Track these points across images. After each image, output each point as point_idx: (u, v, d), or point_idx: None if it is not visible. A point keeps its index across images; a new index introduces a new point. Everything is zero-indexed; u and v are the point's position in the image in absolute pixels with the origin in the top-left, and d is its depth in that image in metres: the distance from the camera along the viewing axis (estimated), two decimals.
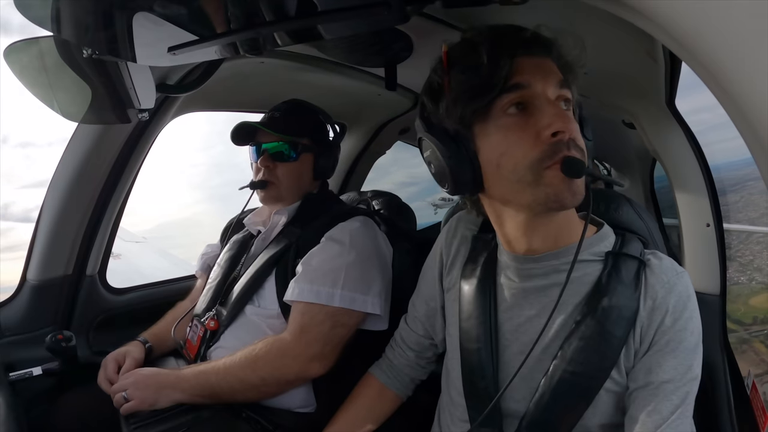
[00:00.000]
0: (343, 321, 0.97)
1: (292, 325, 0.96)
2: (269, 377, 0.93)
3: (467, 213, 0.84)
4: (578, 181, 0.60)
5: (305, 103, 1.21)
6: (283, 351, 0.93)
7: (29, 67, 0.81)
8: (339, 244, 1.01)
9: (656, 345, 0.63)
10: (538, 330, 0.69)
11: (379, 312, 0.98)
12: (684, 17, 0.36)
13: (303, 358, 0.93)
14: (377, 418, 0.89)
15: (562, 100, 0.64)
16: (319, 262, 0.99)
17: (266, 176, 1.12)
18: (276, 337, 0.96)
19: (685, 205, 1.12)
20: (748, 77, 0.34)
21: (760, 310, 3.98)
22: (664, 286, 0.65)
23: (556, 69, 0.65)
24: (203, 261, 1.33)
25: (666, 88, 1.00)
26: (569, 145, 0.59)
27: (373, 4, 0.52)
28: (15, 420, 0.81)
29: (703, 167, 1.10)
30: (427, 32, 0.85)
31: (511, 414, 0.70)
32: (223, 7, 0.61)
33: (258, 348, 0.94)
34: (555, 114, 0.60)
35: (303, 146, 1.13)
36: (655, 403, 0.62)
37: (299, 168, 1.14)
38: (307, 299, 0.95)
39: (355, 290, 0.97)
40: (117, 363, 1.05)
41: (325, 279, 0.96)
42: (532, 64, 0.63)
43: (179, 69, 1.03)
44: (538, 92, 0.62)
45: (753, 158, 0.41)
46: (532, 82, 0.62)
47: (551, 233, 0.68)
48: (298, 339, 0.94)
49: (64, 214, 1.18)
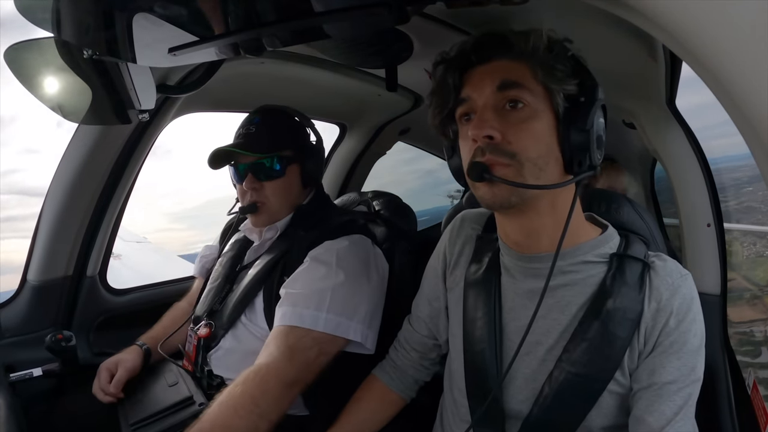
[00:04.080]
0: (327, 349, 0.90)
1: (280, 348, 0.87)
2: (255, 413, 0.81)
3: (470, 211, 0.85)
4: (498, 183, 0.63)
5: (280, 108, 1.14)
6: (265, 374, 0.83)
7: (30, 68, 0.81)
8: (325, 266, 0.95)
9: (660, 346, 0.63)
10: (542, 331, 0.69)
11: (360, 340, 0.93)
12: (684, 17, 0.36)
13: (286, 380, 0.84)
14: (380, 421, 0.89)
15: (506, 101, 0.65)
16: (303, 284, 0.94)
17: (254, 198, 1.06)
18: (252, 369, 0.85)
19: (685, 205, 1.12)
20: (748, 77, 0.34)
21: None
22: (669, 288, 0.65)
23: (500, 71, 0.66)
24: (201, 264, 1.32)
25: (666, 88, 1.01)
26: (484, 150, 0.63)
27: (373, 4, 0.52)
28: (15, 421, 0.81)
29: (704, 167, 1.10)
30: (427, 33, 0.85)
31: (514, 415, 0.70)
32: (224, 7, 0.61)
33: (235, 389, 0.82)
34: (475, 122, 0.65)
35: (287, 158, 1.06)
36: (658, 403, 0.62)
37: (287, 182, 1.08)
38: (289, 322, 0.89)
39: (341, 314, 0.91)
40: (110, 373, 1.04)
41: (309, 301, 0.91)
42: (476, 74, 0.68)
43: (180, 70, 1.03)
44: (477, 102, 0.67)
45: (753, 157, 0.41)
46: (471, 93, 0.67)
47: (546, 232, 0.68)
48: (288, 359, 0.85)
49: (64, 215, 1.17)
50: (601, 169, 0.69)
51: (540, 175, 0.63)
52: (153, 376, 1.09)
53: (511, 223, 0.71)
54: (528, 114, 0.64)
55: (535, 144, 0.63)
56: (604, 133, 0.67)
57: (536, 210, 0.67)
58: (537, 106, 0.64)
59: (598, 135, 0.65)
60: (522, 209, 0.66)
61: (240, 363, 0.95)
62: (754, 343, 3.38)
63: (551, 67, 0.64)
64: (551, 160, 0.64)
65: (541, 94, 0.65)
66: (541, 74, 0.64)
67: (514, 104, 0.64)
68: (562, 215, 0.65)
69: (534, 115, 0.64)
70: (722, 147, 1.85)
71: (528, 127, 0.63)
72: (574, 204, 0.65)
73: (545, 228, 0.68)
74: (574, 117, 0.64)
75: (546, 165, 0.64)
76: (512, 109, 0.64)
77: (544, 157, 0.63)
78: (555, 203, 0.67)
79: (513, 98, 0.64)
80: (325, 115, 1.75)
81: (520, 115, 0.64)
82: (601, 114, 0.67)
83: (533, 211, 0.67)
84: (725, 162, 2.10)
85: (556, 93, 0.64)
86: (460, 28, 0.83)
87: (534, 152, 0.63)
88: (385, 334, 0.98)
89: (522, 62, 0.65)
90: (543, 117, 0.64)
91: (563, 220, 0.64)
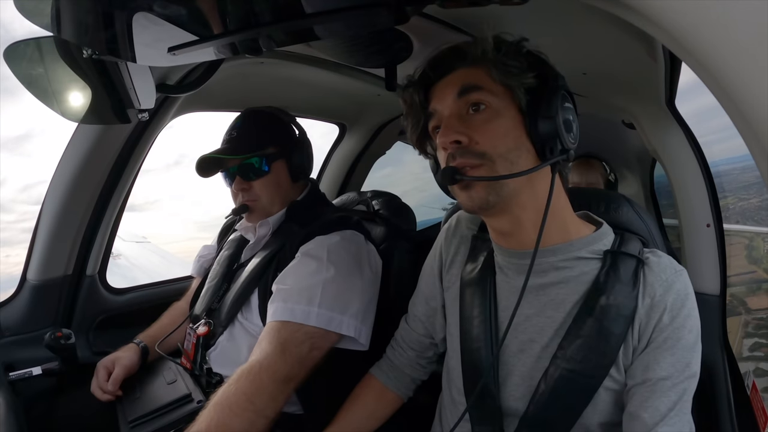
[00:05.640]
0: (319, 344, 0.90)
1: (272, 343, 0.87)
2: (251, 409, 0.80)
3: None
4: (474, 185, 0.65)
5: (258, 110, 1.16)
6: (258, 371, 0.83)
7: (29, 67, 0.80)
8: (315, 260, 0.96)
9: (654, 342, 0.64)
10: (536, 329, 0.69)
11: (352, 334, 0.92)
12: (684, 17, 0.36)
13: (280, 376, 0.84)
14: (378, 420, 0.89)
15: (468, 105, 0.67)
16: (294, 280, 0.94)
17: (245, 199, 1.09)
18: (245, 367, 0.85)
19: (684, 205, 1.13)
20: (748, 77, 0.34)
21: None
22: (663, 284, 0.65)
23: (458, 79, 0.68)
24: (199, 263, 1.32)
25: (666, 88, 1.01)
26: (455, 155, 0.66)
27: (373, 4, 0.52)
28: (15, 420, 0.81)
29: (703, 167, 1.10)
30: (427, 32, 0.85)
31: (511, 412, 0.70)
32: (223, 7, 0.61)
33: (229, 388, 0.83)
34: (442, 131, 0.67)
35: (272, 155, 1.08)
36: (652, 399, 0.62)
37: (275, 178, 1.09)
38: (281, 318, 0.89)
39: (333, 309, 0.91)
40: (107, 371, 1.05)
41: (300, 297, 0.91)
42: (438, 87, 0.71)
43: (179, 69, 1.02)
44: (443, 113, 0.69)
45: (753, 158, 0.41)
46: (436, 105, 0.71)
47: (532, 226, 0.68)
48: (281, 355, 0.85)
49: (64, 214, 1.18)
50: (571, 165, 0.71)
51: (513, 168, 0.64)
52: (151, 373, 1.09)
53: (497, 222, 0.72)
54: (491, 114, 0.66)
55: (503, 140, 0.65)
56: (575, 118, 0.69)
57: (518, 205, 0.68)
58: (498, 105, 0.66)
59: (565, 119, 0.66)
60: (503, 207, 0.67)
61: (238, 360, 0.95)
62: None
63: (504, 65, 0.66)
64: (522, 153, 0.65)
65: (502, 92, 0.67)
66: (496, 73, 0.66)
67: (476, 107, 0.67)
68: (545, 207, 0.66)
69: (497, 114, 0.66)
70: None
71: (493, 125, 0.65)
72: (551, 189, 0.65)
73: (529, 222, 0.69)
74: (538, 107, 0.66)
75: (518, 158, 0.65)
76: (475, 113, 0.67)
77: (514, 150, 0.65)
78: (536, 195, 0.67)
79: (474, 101, 0.67)
80: (324, 115, 1.75)
81: (483, 116, 0.66)
82: (567, 100, 0.68)
83: (516, 207, 0.68)
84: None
85: (515, 88, 0.66)
86: (459, 28, 0.83)
87: (503, 147, 0.64)
88: (382, 333, 0.98)
89: (477, 67, 0.68)
90: (506, 113, 0.66)
91: (531, 215, 0.68)
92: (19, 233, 7.55)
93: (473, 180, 0.64)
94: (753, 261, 2.63)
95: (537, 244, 0.64)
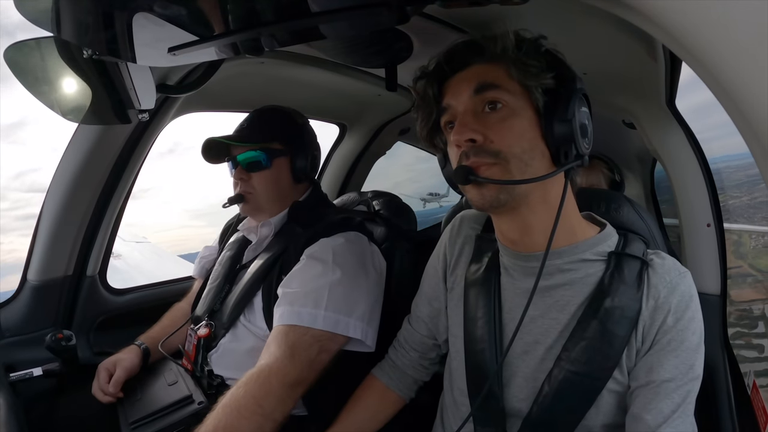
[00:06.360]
0: (327, 347, 0.90)
1: (281, 347, 0.87)
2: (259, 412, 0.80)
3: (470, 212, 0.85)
4: (486, 183, 0.64)
5: (274, 106, 1.16)
6: (267, 375, 0.83)
7: (29, 67, 0.80)
8: (321, 263, 0.95)
9: (658, 344, 0.64)
10: (541, 330, 0.69)
11: (359, 336, 0.93)
12: (684, 17, 0.36)
13: (289, 380, 0.84)
14: (380, 420, 0.89)
15: (484, 103, 0.66)
16: (300, 283, 0.94)
17: (242, 189, 1.09)
18: (254, 370, 0.85)
19: (685, 205, 1.13)
20: (748, 77, 0.34)
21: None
22: (667, 286, 0.65)
23: (475, 76, 0.67)
24: (201, 264, 1.32)
25: (666, 88, 1.01)
26: (468, 153, 0.64)
27: (373, 4, 0.52)
28: (15, 421, 0.81)
29: (703, 167, 1.10)
30: (427, 32, 0.85)
31: (514, 414, 0.70)
32: (224, 7, 0.61)
33: (238, 391, 0.82)
34: (456, 128, 0.66)
35: (275, 151, 1.08)
36: (656, 401, 0.62)
37: (275, 175, 1.09)
38: (288, 321, 0.89)
39: (339, 312, 0.91)
40: (108, 373, 1.05)
41: (307, 300, 0.90)
42: (454, 82, 0.70)
43: (179, 69, 1.02)
44: (457, 109, 0.68)
45: (753, 157, 0.41)
46: (451, 101, 0.69)
47: (541, 229, 0.68)
48: (290, 359, 0.85)
49: (64, 215, 1.17)
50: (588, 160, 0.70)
51: (526, 170, 0.64)
52: (152, 375, 1.09)
53: (506, 222, 0.71)
54: (507, 113, 0.65)
55: (518, 140, 0.64)
56: (589, 122, 0.68)
57: (528, 206, 0.67)
58: (516, 104, 0.65)
59: (582, 124, 0.65)
60: (513, 207, 0.66)
61: (240, 363, 0.95)
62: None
63: (524, 64, 0.65)
64: (537, 155, 0.65)
65: (519, 92, 0.65)
66: (515, 72, 0.65)
67: (492, 105, 0.65)
68: (555, 210, 0.65)
69: (513, 113, 0.65)
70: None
71: (509, 125, 0.64)
72: (564, 195, 0.65)
73: (539, 224, 0.68)
74: (555, 109, 0.64)
75: (532, 159, 0.64)
76: (491, 111, 0.65)
77: (528, 152, 0.64)
78: (547, 198, 0.67)
79: (491, 99, 0.65)
80: (324, 115, 1.75)
81: (500, 114, 0.65)
82: (584, 103, 0.67)
83: (526, 208, 0.67)
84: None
85: (533, 89, 0.65)
86: (460, 28, 0.83)
87: (518, 148, 0.63)
88: (384, 334, 0.98)
89: (495, 64, 0.66)
90: (523, 113, 0.65)
91: (541, 216, 0.66)
92: (12, 221, 7.45)
93: (488, 182, 0.63)
94: (740, 256, 2.65)
95: (547, 249, 0.64)
